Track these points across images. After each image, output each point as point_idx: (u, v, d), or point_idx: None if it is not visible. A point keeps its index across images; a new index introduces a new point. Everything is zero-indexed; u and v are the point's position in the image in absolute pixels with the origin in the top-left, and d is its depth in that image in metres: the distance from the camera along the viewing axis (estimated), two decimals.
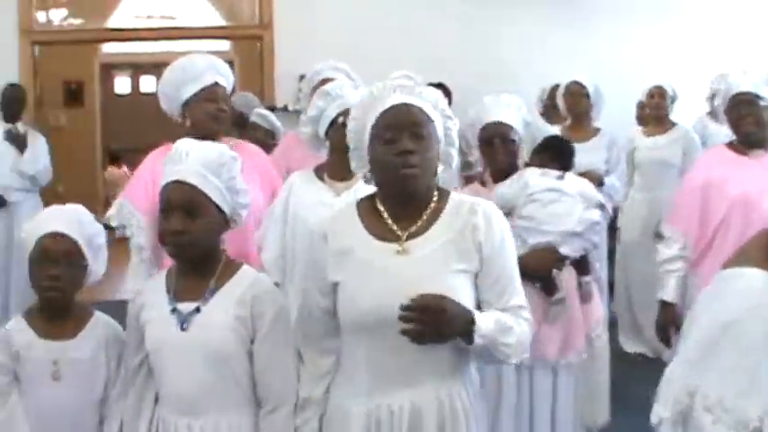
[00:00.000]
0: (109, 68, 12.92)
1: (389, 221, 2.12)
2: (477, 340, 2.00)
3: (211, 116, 3.22)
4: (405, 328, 1.95)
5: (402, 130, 2.06)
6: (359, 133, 2.16)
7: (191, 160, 2.26)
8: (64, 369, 2.41)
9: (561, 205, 3.28)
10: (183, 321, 2.24)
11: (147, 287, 2.38)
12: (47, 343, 2.42)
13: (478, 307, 2.10)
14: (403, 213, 2.12)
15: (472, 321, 2.00)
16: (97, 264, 2.50)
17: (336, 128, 3.05)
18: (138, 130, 11.54)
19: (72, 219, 2.45)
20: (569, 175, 3.42)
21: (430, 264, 2.06)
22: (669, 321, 3.53)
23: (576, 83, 5.24)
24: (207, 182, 2.24)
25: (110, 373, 2.46)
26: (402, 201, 2.12)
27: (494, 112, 3.41)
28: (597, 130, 5.21)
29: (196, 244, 2.24)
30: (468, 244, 2.09)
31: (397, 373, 2.07)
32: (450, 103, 6.06)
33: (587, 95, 5.22)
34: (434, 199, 2.14)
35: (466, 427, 2.11)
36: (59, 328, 2.44)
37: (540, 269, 3.17)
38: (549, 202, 3.26)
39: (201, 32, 8.40)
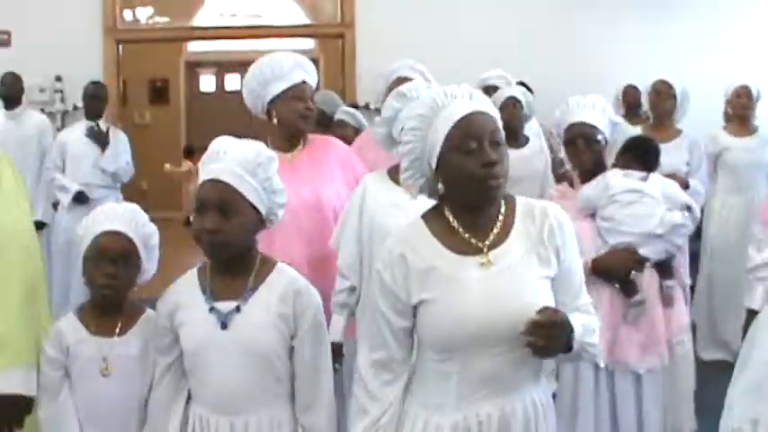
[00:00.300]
0: (194, 66, 13.19)
1: (466, 234, 2.07)
2: (575, 346, 2.00)
3: (300, 115, 3.25)
4: (531, 341, 1.93)
5: (483, 140, 2.01)
6: (422, 142, 2.08)
7: (227, 159, 2.25)
8: (112, 365, 2.44)
9: (642, 206, 3.29)
10: (224, 321, 2.24)
11: (179, 287, 2.37)
12: (97, 339, 2.46)
13: None
14: (475, 224, 2.08)
15: (572, 329, 2.00)
16: (150, 263, 2.54)
17: None
18: (222, 127, 11.64)
19: (129, 218, 2.48)
20: (654, 176, 3.40)
21: (516, 274, 2.04)
22: None
23: (664, 82, 5.12)
24: (242, 181, 2.23)
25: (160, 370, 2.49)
26: (475, 212, 2.08)
27: (577, 113, 3.39)
28: (679, 132, 5.10)
29: (230, 243, 2.24)
30: (548, 250, 2.07)
31: (486, 383, 2.05)
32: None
33: (674, 96, 5.10)
34: (503, 207, 2.11)
35: (546, 430, 2.11)
36: (110, 325, 2.48)
37: (618, 270, 3.20)
38: (628, 203, 3.28)
39: (286, 31, 8.50)
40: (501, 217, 2.08)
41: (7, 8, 7.15)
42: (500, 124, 2.08)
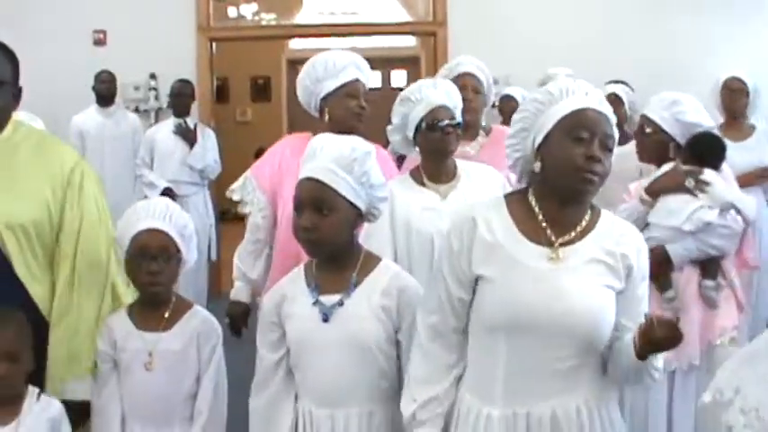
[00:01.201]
0: (296, 64, 13.37)
1: (544, 224, 2.08)
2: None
3: (352, 112, 3.30)
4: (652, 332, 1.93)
5: (595, 135, 2.02)
6: (536, 117, 2.10)
7: (322, 156, 2.27)
8: (156, 360, 2.52)
9: (675, 200, 3.29)
10: (326, 313, 2.26)
11: (286, 282, 2.40)
12: (142, 334, 2.54)
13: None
14: (558, 218, 2.08)
15: None
16: (190, 253, 2.61)
17: (423, 131, 3.03)
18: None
19: (163, 213, 2.55)
20: (708, 172, 3.35)
21: (583, 275, 2.04)
22: None
23: (736, 79, 4.97)
24: (337, 178, 2.24)
25: (200, 366, 2.54)
26: (561, 205, 2.08)
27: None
28: (753, 128, 5.01)
29: (326, 240, 2.25)
30: (619, 264, 2.06)
31: (536, 380, 2.05)
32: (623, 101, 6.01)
33: (747, 93, 4.99)
34: (588, 212, 2.10)
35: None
36: (156, 320, 2.56)
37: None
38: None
39: (380, 28, 8.55)
40: (584, 221, 2.08)
41: (103, 8, 7.41)
42: (615, 132, 2.08)
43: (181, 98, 6.48)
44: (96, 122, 6.65)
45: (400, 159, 3.89)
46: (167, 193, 6.08)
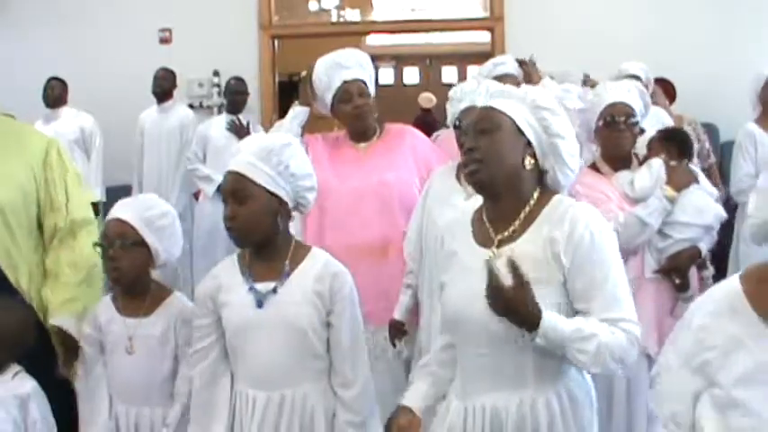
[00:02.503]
0: (372, 60, 13.55)
1: (487, 224, 2.21)
2: (537, 340, 2.03)
3: (348, 115, 3.56)
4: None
5: (468, 129, 2.18)
6: None
7: (243, 150, 2.46)
8: (137, 344, 2.73)
9: (698, 197, 3.38)
10: (261, 300, 2.44)
11: (220, 270, 2.58)
12: (124, 319, 2.76)
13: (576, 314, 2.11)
14: (496, 215, 2.20)
15: (537, 323, 2.02)
16: (163, 243, 2.77)
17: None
18: (399, 120, 12.06)
19: (133, 205, 2.78)
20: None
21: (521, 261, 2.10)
22: None
23: None
24: (255, 169, 2.41)
25: (177, 352, 2.73)
26: (493, 201, 2.20)
27: (611, 96, 3.48)
28: None
29: (246, 228, 2.43)
30: (547, 255, 2.11)
31: (480, 375, 2.17)
32: (674, 97, 5.98)
33: None
34: (531, 201, 2.18)
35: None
36: (137, 306, 2.77)
37: (683, 265, 3.33)
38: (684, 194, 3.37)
39: (441, 25, 8.75)
40: (523, 213, 2.17)
41: (168, 7, 7.75)
42: (486, 113, 2.18)
43: (235, 96, 6.74)
44: (153, 118, 6.96)
45: None
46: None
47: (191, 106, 7.58)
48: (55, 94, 7.00)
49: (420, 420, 2.29)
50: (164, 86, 6.94)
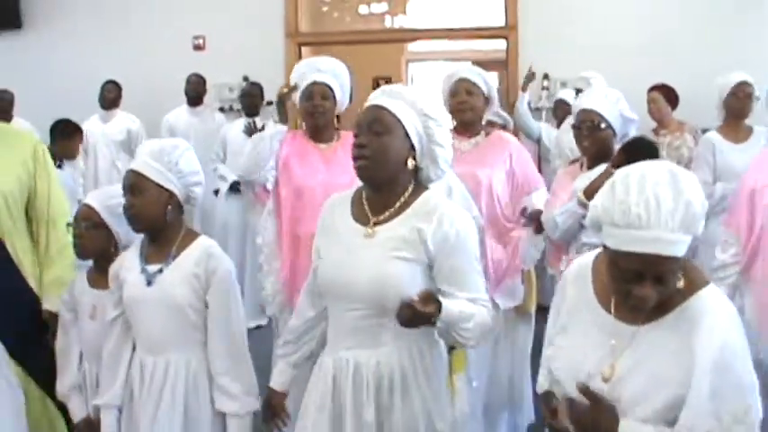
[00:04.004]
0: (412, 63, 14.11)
1: (366, 207, 2.65)
2: (439, 324, 2.44)
3: (306, 111, 4.07)
4: (397, 315, 2.40)
5: (362, 127, 2.59)
6: None
7: (140, 152, 3.03)
8: (98, 312, 3.29)
9: None
10: (150, 279, 3.00)
11: (127, 253, 3.15)
12: (91, 291, 3.33)
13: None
14: (376, 202, 2.64)
15: (439, 311, 2.41)
16: (123, 228, 3.27)
17: None
18: None
19: (99, 194, 3.35)
20: None
21: (384, 249, 2.54)
22: None
23: (745, 83, 5.30)
24: (148, 166, 2.94)
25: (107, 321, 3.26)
26: (376, 191, 2.63)
27: (586, 101, 3.83)
28: (750, 130, 5.35)
29: (140, 216, 2.96)
30: (415, 239, 2.53)
31: (346, 333, 2.63)
32: (676, 104, 6.35)
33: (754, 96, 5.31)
34: (406, 193, 2.62)
35: (401, 388, 2.58)
36: (103, 279, 3.32)
37: None
38: None
39: (450, 33, 9.40)
40: (398, 203, 2.60)
41: (202, 16, 8.43)
42: (382, 116, 2.55)
43: (247, 98, 7.35)
44: (185, 121, 7.64)
45: None
46: (234, 185, 6.98)
47: (221, 109, 8.24)
48: (111, 97, 7.75)
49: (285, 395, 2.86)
50: (198, 91, 7.62)
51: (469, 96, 4.25)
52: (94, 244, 3.30)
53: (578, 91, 5.71)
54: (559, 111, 7.09)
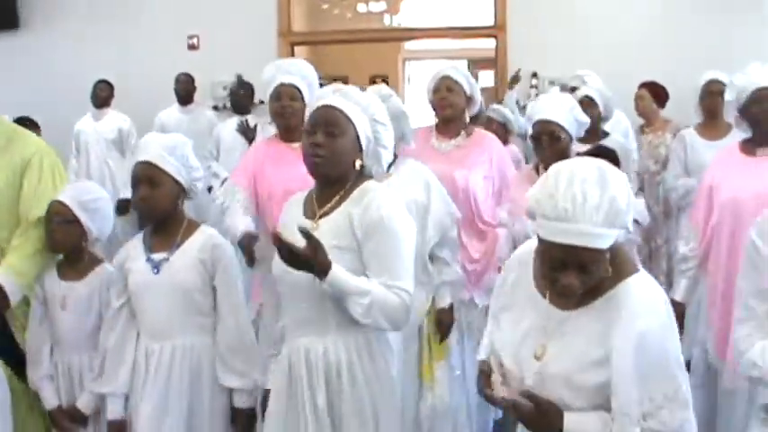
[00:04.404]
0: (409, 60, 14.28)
1: (314, 202, 2.80)
2: (324, 285, 2.58)
3: (273, 112, 4.15)
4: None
5: (315, 127, 2.73)
6: None
7: (153, 144, 3.15)
8: (68, 302, 3.43)
9: None
10: (156, 267, 3.13)
11: (130, 244, 3.28)
12: (61, 282, 3.46)
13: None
14: (323, 196, 2.78)
15: (326, 272, 2.56)
16: (95, 223, 3.44)
17: None
18: None
19: (72, 190, 3.47)
20: None
21: (324, 240, 2.61)
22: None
23: (716, 81, 5.38)
24: (164, 160, 3.09)
25: (101, 310, 3.42)
26: (322, 186, 2.78)
27: (544, 111, 3.90)
28: (730, 127, 5.31)
29: (156, 208, 3.11)
30: (347, 224, 2.69)
31: (297, 323, 2.78)
32: (665, 101, 6.44)
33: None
34: (348, 185, 2.76)
35: (348, 373, 2.72)
36: (73, 272, 3.47)
37: None
38: None
39: (439, 32, 9.54)
40: (339, 195, 2.75)
41: (196, 15, 8.59)
42: (337, 117, 2.69)
43: (236, 97, 7.49)
44: (175, 119, 7.77)
45: None
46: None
47: (215, 108, 8.38)
48: (103, 96, 7.90)
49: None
50: (187, 89, 7.76)
51: (450, 93, 4.36)
52: (66, 238, 3.43)
53: (573, 89, 5.77)
54: None
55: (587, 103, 5.42)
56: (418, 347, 3.88)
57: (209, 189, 7.34)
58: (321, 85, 4.48)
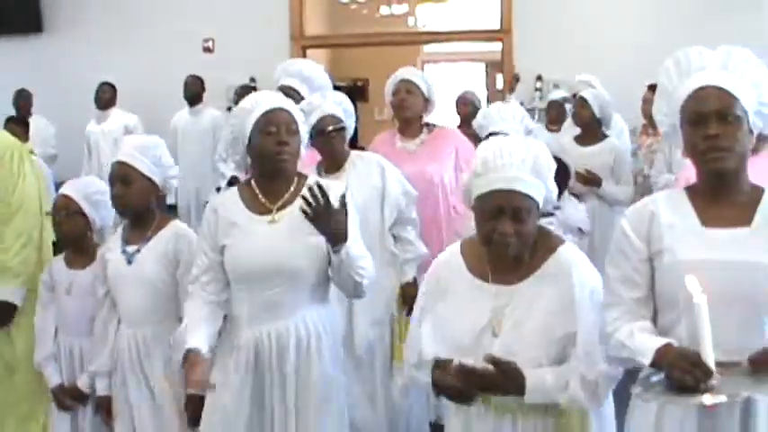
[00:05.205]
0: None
1: (262, 198, 3.02)
2: (341, 254, 2.86)
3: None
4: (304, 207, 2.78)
5: (280, 127, 2.98)
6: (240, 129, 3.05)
7: (126, 145, 3.47)
8: (73, 289, 3.72)
9: None
10: (129, 259, 3.44)
11: (112, 237, 3.59)
12: (67, 270, 3.76)
13: None
14: (270, 190, 3.01)
15: (344, 240, 2.85)
16: (99, 215, 3.73)
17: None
18: None
19: (76, 184, 3.77)
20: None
21: (291, 229, 2.92)
22: None
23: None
24: (135, 158, 3.38)
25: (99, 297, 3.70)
26: (271, 180, 3.01)
27: (495, 122, 4.18)
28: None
29: (130, 204, 3.42)
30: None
31: (266, 309, 2.99)
32: None
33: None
34: (295, 180, 3.03)
35: (324, 342, 3.02)
36: (78, 261, 3.75)
37: None
38: None
39: (455, 36, 9.83)
40: (292, 189, 3.01)
41: (211, 20, 8.94)
42: (290, 122, 3.00)
43: (240, 100, 7.74)
44: (185, 120, 8.14)
45: None
46: (232, 181, 7.40)
47: (229, 109, 8.71)
48: (106, 97, 8.27)
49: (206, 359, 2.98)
50: (194, 91, 8.08)
51: (408, 95, 4.65)
52: (73, 229, 3.72)
53: (574, 95, 6.03)
54: (552, 111, 7.45)
55: (580, 105, 5.73)
56: (389, 330, 4.12)
57: (218, 189, 7.67)
58: (336, 86, 4.80)
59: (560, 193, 3.98)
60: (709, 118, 2.27)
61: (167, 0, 9.23)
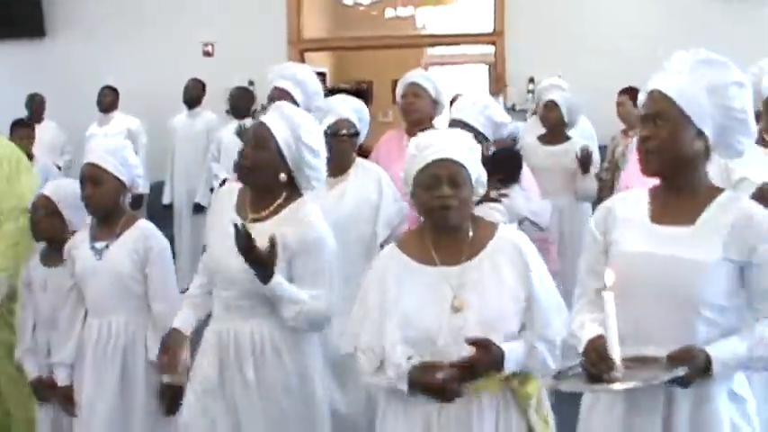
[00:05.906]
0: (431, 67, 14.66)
1: (247, 206, 3.18)
2: (264, 289, 3.00)
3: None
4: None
5: (248, 137, 3.25)
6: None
7: (97, 146, 3.67)
8: (48, 286, 3.90)
9: (480, 212, 3.96)
10: (98, 254, 3.63)
11: (78, 234, 3.76)
12: (43, 268, 3.94)
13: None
14: (257, 203, 3.16)
15: (270, 278, 2.98)
16: (76, 217, 3.88)
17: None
18: None
19: (55, 186, 3.95)
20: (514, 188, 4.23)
21: (262, 238, 2.96)
22: None
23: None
24: (104, 159, 3.58)
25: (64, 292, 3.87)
26: (258, 193, 3.17)
27: (457, 112, 4.21)
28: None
29: (99, 204, 3.61)
30: (279, 242, 2.99)
31: (229, 308, 3.18)
32: None
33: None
34: (281, 199, 3.15)
35: (283, 349, 3.13)
36: (53, 259, 3.93)
37: None
38: None
39: (448, 39, 10.23)
40: (273, 206, 3.16)
41: (212, 24, 9.16)
42: (261, 132, 3.13)
43: (234, 102, 7.99)
44: (182, 122, 8.35)
45: None
46: (224, 184, 7.59)
47: (227, 112, 8.90)
48: (108, 101, 8.48)
49: (187, 337, 3.29)
50: (192, 94, 8.26)
51: (416, 98, 4.79)
52: (49, 230, 3.90)
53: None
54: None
55: (550, 107, 5.87)
56: None
57: (211, 189, 7.87)
58: (340, 89, 4.90)
59: (512, 181, 4.18)
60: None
61: (168, 5, 9.44)
